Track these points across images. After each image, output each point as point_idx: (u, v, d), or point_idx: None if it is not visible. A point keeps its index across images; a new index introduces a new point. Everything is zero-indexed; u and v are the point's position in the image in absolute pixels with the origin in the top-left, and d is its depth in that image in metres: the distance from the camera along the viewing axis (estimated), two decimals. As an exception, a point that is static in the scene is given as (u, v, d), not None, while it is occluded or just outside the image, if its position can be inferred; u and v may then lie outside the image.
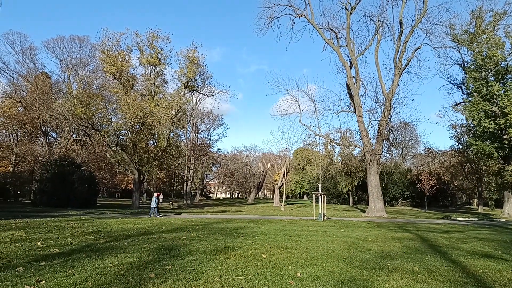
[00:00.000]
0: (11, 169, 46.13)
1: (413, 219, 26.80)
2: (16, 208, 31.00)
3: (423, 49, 65.82)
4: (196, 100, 54.65)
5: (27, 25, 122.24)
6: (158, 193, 25.66)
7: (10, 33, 47.36)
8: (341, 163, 54.65)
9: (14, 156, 46.39)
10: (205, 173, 76.99)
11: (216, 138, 77.40)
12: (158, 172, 49.21)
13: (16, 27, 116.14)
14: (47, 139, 48.18)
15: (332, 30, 33.93)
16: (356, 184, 56.48)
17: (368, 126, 33.19)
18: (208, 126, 69.13)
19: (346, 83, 33.95)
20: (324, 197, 24.55)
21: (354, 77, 32.89)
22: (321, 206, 23.69)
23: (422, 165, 64.74)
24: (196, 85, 38.24)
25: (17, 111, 44.40)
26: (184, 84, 36.40)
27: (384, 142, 34.57)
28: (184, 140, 52.93)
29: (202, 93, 40.97)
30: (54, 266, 6.94)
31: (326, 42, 33.84)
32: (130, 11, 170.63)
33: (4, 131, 46.53)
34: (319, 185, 40.11)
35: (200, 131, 65.85)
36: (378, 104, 33.83)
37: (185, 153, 50.18)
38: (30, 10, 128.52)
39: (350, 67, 33.21)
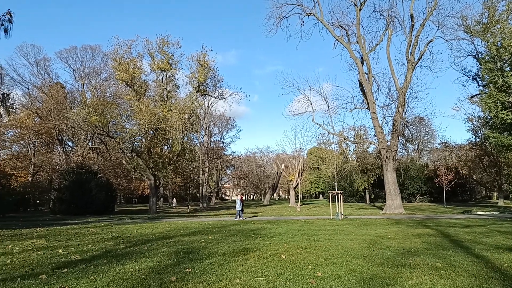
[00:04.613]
0: (30, 179, 47.04)
1: (432, 214, 26.40)
2: (36, 217, 31.58)
3: (435, 42, 65.08)
4: (208, 103, 55.02)
5: (39, 37, 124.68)
6: (242, 196, 26.12)
7: (24, 45, 48.30)
8: (356, 161, 54.23)
9: (32, 166, 47.32)
10: (220, 176, 77.27)
11: (229, 141, 77.70)
12: (173, 176, 49.60)
13: (29, 39, 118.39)
14: (63, 148, 48.93)
15: (342, 27, 33.76)
16: (372, 181, 55.96)
17: (383, 123, 32.89)
18: (220, 129, 69.43)
19: (358, 80, 33.69)
20: (341, 195, 24.36)
21: (366, 74, 32.61)
22: (338, 205, 23.51)
23: (439, 159, 63.74)
24: (208, 88, 38.48)
25: (34, 122, 45.27)
26: (195, 88, 36.61)
27: (400, 138, 34.17)
28: (198, 144, 53.19)
29: (213, 97, 41.26)
30: (76, 273, 7.02)
31: (337, 40, 33.64)
32: (142, 17, 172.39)
33: (22, 142, 47.50)
34: (335, 183, 39.87)
35: (213, 134, 66.18)
36: (391, 99, 33.48)
37: (199, 157, 50.44)
38: (42, 22, 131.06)
39: (362, 63, 32.94)
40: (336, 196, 24.63)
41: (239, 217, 23.71)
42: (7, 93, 22.96)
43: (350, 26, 33.73)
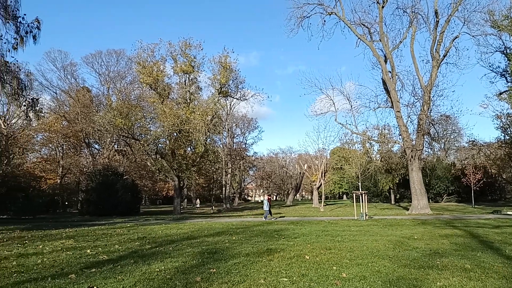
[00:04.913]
0: (59, 181, 48.38)
1: (460, 215, 25.70)
2: (65, 218, 32.46)
3: (461, 38, 63.10)
4: (230, 105, 55.25)
5: (66, 42, 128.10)
6: (269, 196, 26.31)
7: (52, 51, 49.90)
8: (381, 161, 53.38)
9: (61, 168, 48.68)
10: (243, 176, 77.44)
11: (252, 142, 77.78)
12: (197, 177, 50.12)
13: (56, 45, 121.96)
14: (90, 150, 50.15)
15: (364, 25, 33.30)
16: (397, 181, 54.90)
17: (407, 121, 32.19)
18: (243, 130, 69.62)
19: (382, 79, 33.18)
20: (365, 196, 24.04)
21: (390, 72, 32.08)
22: (363, 205, 23.21)
23: (466, 158, 61.98)
24: (230, 90, 38.66)
25: (62, 125, 46.56)
26: (218, 90, 36.86)
27: (425, 136, 33.42)
28: (221, 145, 53.50)
29: (235, 98, 41.38)
30: (104, 272, 7.18)
31: (359, 38, 33.23)
32: (164, 20, 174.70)
33: (50, 145, 48.96)
34: (359, 184, 39.36)
35: (235, 135, 66.43)
36: (416, 98, 32.75)
37: (222, 158, 50.72)
38: (68, 27, 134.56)
39: (385, 61, 32.42)
40: (360, 197, 24.34)
41: (268, 218, 23.68)
42: (36, 97, 23.64)
43: (373, 24, 33.29)
